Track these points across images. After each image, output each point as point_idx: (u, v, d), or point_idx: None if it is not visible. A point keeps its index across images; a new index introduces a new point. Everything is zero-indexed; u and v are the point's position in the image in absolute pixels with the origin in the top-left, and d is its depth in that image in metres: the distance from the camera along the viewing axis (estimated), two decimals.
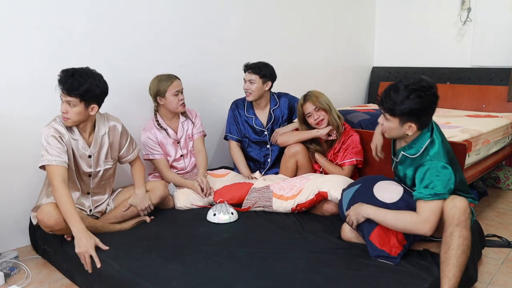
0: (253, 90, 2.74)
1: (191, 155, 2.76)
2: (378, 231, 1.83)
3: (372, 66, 4.76)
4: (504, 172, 3.48)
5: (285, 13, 3.67)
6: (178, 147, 2.69)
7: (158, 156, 2.59)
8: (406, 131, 1.79)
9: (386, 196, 1.87)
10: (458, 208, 1.66)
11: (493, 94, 3.80)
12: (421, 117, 1.75)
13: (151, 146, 2.58)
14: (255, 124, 2.86)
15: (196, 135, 2.75)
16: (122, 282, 1.70)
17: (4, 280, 1.99)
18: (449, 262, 1.64)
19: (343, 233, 2.04)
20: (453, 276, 1.63)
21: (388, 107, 1.76)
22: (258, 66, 2.73)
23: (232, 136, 2.89)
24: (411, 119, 1.75)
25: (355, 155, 2.56)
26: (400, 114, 1.74)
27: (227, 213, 2.27)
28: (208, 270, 1.72)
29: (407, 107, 1.71)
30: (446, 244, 1.67)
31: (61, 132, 2.00)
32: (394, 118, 1.77)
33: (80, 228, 1.85)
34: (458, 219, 1.66)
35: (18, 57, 2.25)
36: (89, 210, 2.21)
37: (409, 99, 1.70)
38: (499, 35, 3.81)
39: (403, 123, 1.77)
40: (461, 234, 1.65)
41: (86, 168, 2.14)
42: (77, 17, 2.42)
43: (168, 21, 2.87)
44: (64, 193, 1.89)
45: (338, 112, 2.67)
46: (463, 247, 1.65)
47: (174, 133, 2.67)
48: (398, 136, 1.86)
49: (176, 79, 2.56)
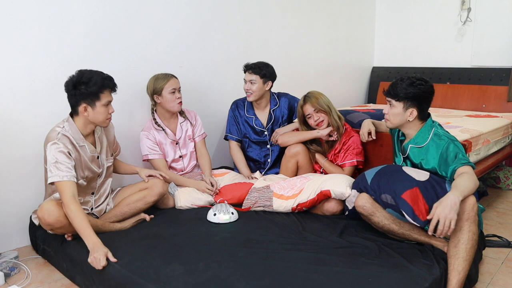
0: (254, 90, 2.74)
1: (191, 156, 2.76)
2: (410, 193, 1.87)
3: (372, 66, 4.76)
4: (504, 172, 3.48)
5: (285, 13, 3.67)
6: (177, 147, 2.69)
7: (157, 156, 2.59)
8: (407, 117, 2.04)
9: (415, 175, 1.97)
10: (468, 204, 1.74)
11: (493, 94, 3.80)
12: (422, 103, 2.03)
13: (150, 146, 2.58)
14: (255, 124, 2.86)
15: (198, 138, 2.76)
16: (122, 282, 1.70)
17: (4, 280, 1.99)
18: (459, 256, 1.70)
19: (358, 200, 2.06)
20: (462, 270, 1.69)
21: (395, 92, 2.04)
22: (259, 66, 2.73)
23: (232, 136, 2.89)
24: (413, 105, 2.02)
25: (356, 156, 2.56)
26: (405, 98, 2.01)
27: (227, 213, 2.27)
28: (208, 270, 1.72)
29: (411, 91, 2.00)
30: (456, 238, 1.73)
31: (68, 147, 2.00)
32: (399, 103, 2.04)
33: (95, 241, 1.85)
34: (468, 214, 1.73)
35: (18, 57, 2.25)
36: (91, 209, 2.22)
37: (413, 86, 2.01)
38: (499, 35, 3.81)
39: (406, 108, 2.03)
40: (470, 228, 1.72)
41: (97, 169, 2.16)
42: (77, 17, 2.42)
43: (168, 21, 2.86)
44: (75, 208, 1.89)
45: (339, 112, 2.67)
46: (472, 242, 1.72)
47: (173, 134, 2.67)
48: (400, 123, 2.08)
49: (172, 77, 2.57)
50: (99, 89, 1.99)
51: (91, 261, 1.80)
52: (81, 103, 2.00)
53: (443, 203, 1.69)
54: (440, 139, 2.00)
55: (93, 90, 1.97)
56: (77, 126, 2.05)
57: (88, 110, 2.01)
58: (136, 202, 2.27)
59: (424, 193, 1.87)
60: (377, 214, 2.01)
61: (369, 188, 2.05)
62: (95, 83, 1.97)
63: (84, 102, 1.99)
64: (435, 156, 1.99)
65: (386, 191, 1.97)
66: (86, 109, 2.01)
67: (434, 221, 1.68)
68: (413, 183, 1.91)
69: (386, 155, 2.48)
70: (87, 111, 2.01)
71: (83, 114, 2.02)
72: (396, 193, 1.91)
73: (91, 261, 1.80)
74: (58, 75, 2.38)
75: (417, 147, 2.08)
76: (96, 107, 2.01)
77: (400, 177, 1.97)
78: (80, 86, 1.97)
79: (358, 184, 2.16)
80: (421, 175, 1.96)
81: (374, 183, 2.04)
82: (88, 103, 2.00)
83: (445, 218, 1.65)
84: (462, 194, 1.72)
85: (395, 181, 1.96)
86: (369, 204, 2.03)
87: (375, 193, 2.03)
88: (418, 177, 1.95)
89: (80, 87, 1.97)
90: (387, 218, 2.00)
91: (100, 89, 1.99)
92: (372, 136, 2.48)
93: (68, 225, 1.95)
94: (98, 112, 2.02)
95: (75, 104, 2.02)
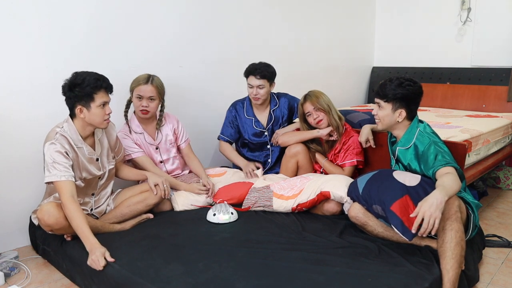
0: (263, 94, 2.71)
1: (174, 161, 2.66)
2: (399, 203, 1.85)
3: (372, 66, 4.76)
4: (504, 172, 3.48)
5: (285, 12, 3.67)
6: (157, 152, 2.60)
7: (139, 154, 2.48)
8: (397, 118, 2.05)
9: (406, 180, 1.94)
10: (450, 204, 1.75)
11: (493, 94, 3.80)
12: (410, 104, 2.04)
13: (129, 145, 2.47)
14: (255, 125, 2.85)
15: (184, 144, 2.68)
16: (122, 282, 1.70)
17: (4, 280, 1.99)
18: (446, 255, 1.71)
19: (351, 210, 2.08)
20: (450, 268, 1.69)
21: (384, 93, 2.04)
22: (266, 70, 2.68)
23: (224, 137, 2.87)
24: (402, 106, 2.03)
25: (356, 156, 2.56)
26: (393, 98, 2.02)
27: (227, 213, 2.27)
28: (208, 270, 1.72)
29: (399, 92, 2.01)
30: (440, 238, 1.75)
31: (65, 147, 1.99)
32: (387, 104, 2.05)
33: (93, 242, 1.85)
34: (448, 213, 1.74)
35: (18, 57, 2.25)
36: (90, 209, 2.22)
37: (401, 86, 2.01)
38: (499, 35, 3.80)
39: (395, 109, 2.04)
40: (452, 227, 1.73)
41: (96, 171, 2.15)
42: (77, 17, 2.42)
43: (168, 21, 2.87)
44: (74, 208, 1.89)
45: (339, 112, 2.67)
46: (456, 239, 1.72)
47: (151, 138, 2.56)
48: (389, 124, 2.08)
49: (143, 84, 2.40)
50: (93, 90, 1.96)
51: (90, 263, 1.80)
52: (77, 105, 1.99)
53: (428, 201, 1.66)
54: (422, 140, 2.00)
55: (86, 92, 1.96)
56: (75, 127, 2.04)
57: (84, 112, 1.99)
58: (137, 204, 2.27)
59: (415, 199, 1.82)
60: (370, 224, 2.03)
61: (361, 198, 2.04)
62: (88, 84, 1.95)
63: (79, 104, 1.98)
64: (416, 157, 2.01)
65: (376, 202, 1.95)
66: (82, 111, 1.99)
67: (419, 219, 1.66)
68: (404, 191, 1.88)
69: (386, 155, 2.47)
70: (83, 113, 2.00)
71: (80, 116, 2.01)
72: (386, 204, 1.89)
73: (90, 263, 1.80)
74: (58, 75, 2.38)
75: (403, 149, 2.08)
76: (92, 109, 1.99)
77: (390, 186, 1.94)
78: (74, 88, 1.96)
79: (351, 192, 2.14)
80: (412, 180, 1.94)
81: (365, 192, 2.02)
82: (83, 104, 1.98)
83: (429, 217, 1.63)
84: (447, 194, 1.70)
85: (384, 190, 1.93)
86: (361, 214, 2.04)
87: (366, 203, 2.02)
88: (410, 182, 1.92)
89: (75, 89, 1.96)
90: (380, 226, 2.01)
91: (93, 90, 1.96)
92: (371, 145, 2.50)
93: (67, 227, 1.95)
94: (94, 113, 2.00)
95: (72, 107, 2.01)
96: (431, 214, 1.63)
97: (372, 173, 2.11)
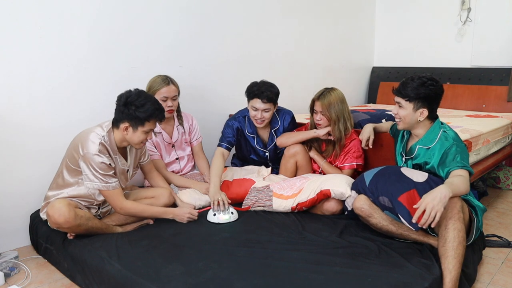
0: (268, 117, 2.61)
1: (188, 159, 2.74)
2: (407, 195, 1.87)
3: (372, 66, 4.76)
4: (504, 172, 3.49)
5: (285, 13, 3.67)
6: (173, 150, 2.67)
7: (156, 157, 2.57)
8: (418, 117, 2.02)
9: (414, 176, 1.96)
10: (453, 203, 1.76)
11: (493, 94, 3.80)
12: (432, 103, 2.01)
13: (149, 148, 2.55)
14: (257, 145, 2.78)
15: (195, 142, 2.75)
16: (122, 281, 1.70)
17: (4, 280, 1.99)
18: (448, 255, 1.71)
19: (356, 201, 2.07)
20: (453, 268, 1.69)
21: (406, 92, 2.00)
22: (272, 92, 2.53)
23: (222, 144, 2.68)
24: (424, 105, 2.00)
25: (356, 159, 2.55)
26: (416, 98, 1.99)
27: (227, 213, 2.27)
28: (208, 270, 1.72)
29: (422, 92, 1.98)
30: (443, 238, 1.75)
31: (107, 158, 2.01)
32: (409, 104, 2.01)
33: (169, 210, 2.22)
34: (450, 213, 1.75)
35: (18, 58, 2.25)
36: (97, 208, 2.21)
37: (424, 86, 1.98)
38: (499, 35, 3.81)
39: (416, 109, 2.01)
40: (455, 226, 1.73)
41: (124, 182, 2.18)
42: (77, 17, 2.42)
43: (168, 21, 2.87)
44: (132, 206, 2.12)
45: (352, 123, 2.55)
46: (459, 239, 1.72)
47: (169, 137, 2.64)
48: (411, 123, 2.05)
49: (166, 86, 2.45)
50: (148, 117, 1.99)
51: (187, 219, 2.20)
52: (125, 121, 2.00)
53: (432, 194, 1.70)
54: (446, 140, 2.00)
55: (141, 116, 1.98)
56: (115, 139, 2.06)
57: (129, 131, 2.02)
58: None
59: (422, 194, 1.84)
60: (375, 216, 2.02)
61: (367, 190, 2.05)
62: (146, 110, 1.97)
63: (128, 122, 2.00)
64: (438, 156, 2.00)
65: (383, 193, 1.97)
66: (127, 129, 2.01)
67: (421, 210, 1.69)
68: (411, 185, 1.91)
69: (386, 155, 2.47)
70: (127, 131, 2.02)
71: (122, 132, 2.03)
72: (393, 195, 1.91)
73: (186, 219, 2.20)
74: (58, 75, 2.39)
75: (425, 148, 2.07)
76: (137, 131, 2.01)
77: (398, 179, 1.96)
78: (131, 106, 1.97)
79: (357, 185, 2.16)
80: (419, 177, 1.96)
81: (372, 185, 2.03)
82: (131, 124, 2.00)
83: (431, 209, 1.66)
84: (453, 191, 1.73)
85: (392, 183, 1.96)
86: (367, 206, 2.04)
87: (373, 195, 2.03)
88: (417, 178, 1.94)
89: (131, 107, 1.97)
90: (385, 219, 2.01)
91: (148, 117, 1.99)
92: (369, 145, 2.43)
93: (75, 227, 1.96)
94: (137, 135, 2.03)
95: (119, 120, 2.02)
96: (433, 207, 1.66)
97: (379, 168, 2.12)
